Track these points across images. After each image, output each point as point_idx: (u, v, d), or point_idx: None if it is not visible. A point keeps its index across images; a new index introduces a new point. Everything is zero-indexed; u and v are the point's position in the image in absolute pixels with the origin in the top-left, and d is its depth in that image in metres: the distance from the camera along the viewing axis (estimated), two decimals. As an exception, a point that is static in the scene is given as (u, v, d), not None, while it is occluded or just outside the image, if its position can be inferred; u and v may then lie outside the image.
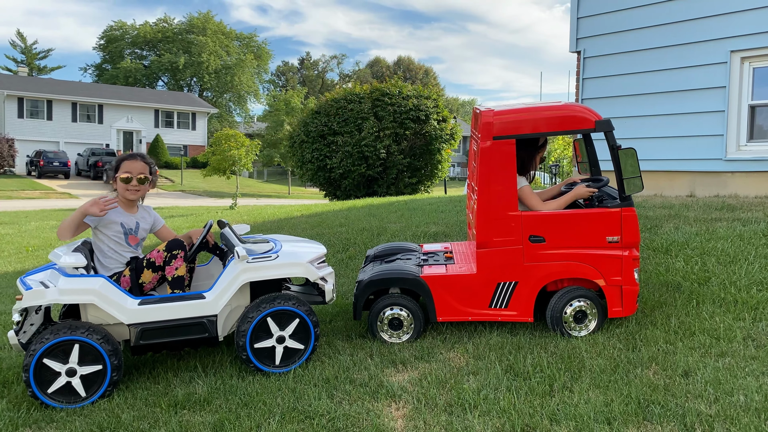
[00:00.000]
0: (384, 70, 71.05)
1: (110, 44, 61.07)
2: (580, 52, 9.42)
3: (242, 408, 3.38)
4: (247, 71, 61.48)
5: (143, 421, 3.26)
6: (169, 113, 46.93)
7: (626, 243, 4.12)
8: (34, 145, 39.92)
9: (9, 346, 4.53)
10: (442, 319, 4.33)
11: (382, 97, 17.37)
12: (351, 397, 3.48)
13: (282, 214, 11.38)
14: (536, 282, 4.21)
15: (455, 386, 3.51)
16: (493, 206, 4.17)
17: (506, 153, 4.11)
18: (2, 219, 16.82)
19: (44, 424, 3.26)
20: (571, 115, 4.13)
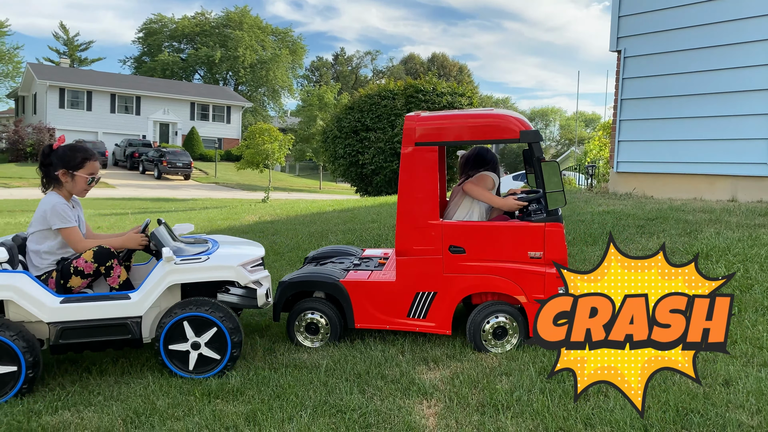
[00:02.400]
0: (418, 66, 70.86)
1: (149, 37, 62.12)
2: (620, 51, 9.25)
3: (274, 399, 3.40)
4: (282, 66, 61.88)
5: (178, 408, 3.30)
6: (205, 106, 47.54)
7: (549, 259, 3.92)
8: (74, 134, 40.81)
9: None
10: (360, 325, 4.22)
11: (416, 94, 17.32)
12: (382, 392, 3.47)
13: (314, 208, 11.44)
14: (456, 294, 4.07)
15: (487, 386, 3.48)
16: (413, 214, 4.07)
17: (428, 160, 4.01)
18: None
19: (82, 408, 3.32)
20: (495, 124, 4.02)
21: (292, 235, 8.13)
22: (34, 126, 38.48)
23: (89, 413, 3.26)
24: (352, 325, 4.23)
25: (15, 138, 37.51)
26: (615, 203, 8.33)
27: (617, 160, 9.37)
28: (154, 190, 27.75)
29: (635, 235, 6.58)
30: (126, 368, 3.86)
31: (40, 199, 3.90)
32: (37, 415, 3.21)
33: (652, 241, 6.26)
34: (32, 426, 3.09)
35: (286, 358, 4.00)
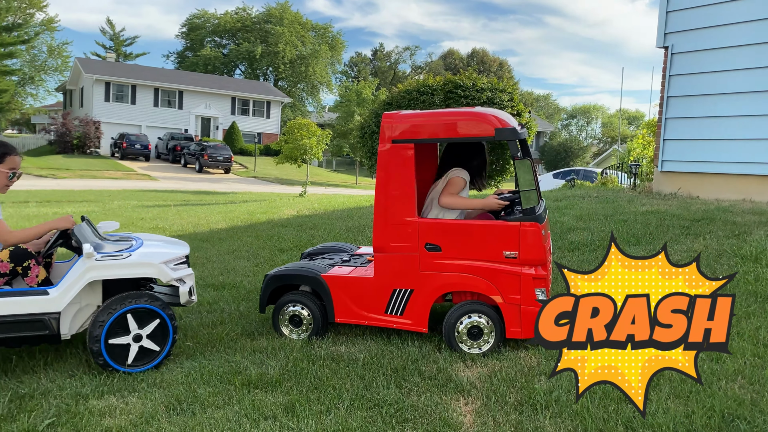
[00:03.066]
0: (457, 62, 70.40)
1: (192, 32, 63.20)
2: (667, 47, 9.02)
3: (312, 391, 3.44)
4: (321, 62, 62.24)
5: (218, 397, 3.36)
6: (246, 101, 48.16)
7: (524, 259, 3.84)
8: (118, 127, 41.85)
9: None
10: (340, 320, 4.23)
11: (456, 89, 17.18)
12: (419, 388, 3.47)
13: (351, 203, 11.49)
14: (432, 291, 4.03)
15: (526, 385, 3.44)
16: (390, 211, 4.05)
17: (404, 157, 3.99)
18: (88, 197, 17.76)
19: (127, 393, 3.41)
20: (469, 122, 3.93)
21: (330, 230, 8.19)
22: (80, 119, 39.58)
23: (133, 399, 3.34)
24: (332, 319, 4.26)
25: (63, 130, 38.64)
26: (659, 203, 8.14)
27: (662, 159, 9.14)
28: (195, 183, 28.27)
29: (680, 236, 6.42)
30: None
31: (86, 190, 3.97)
32: (84, 399, 3.31)
33: (697, 243, 6.10)
34: (80, 409, 3.19)
35: (323, 351, 4.03)
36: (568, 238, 6.73)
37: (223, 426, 3.05)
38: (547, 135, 59.77)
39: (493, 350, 3.94)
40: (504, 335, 3.94)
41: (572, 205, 8.42)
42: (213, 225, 9.67)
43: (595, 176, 19.61)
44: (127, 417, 3.14)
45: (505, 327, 3.92)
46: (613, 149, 39.89)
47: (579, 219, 7.49)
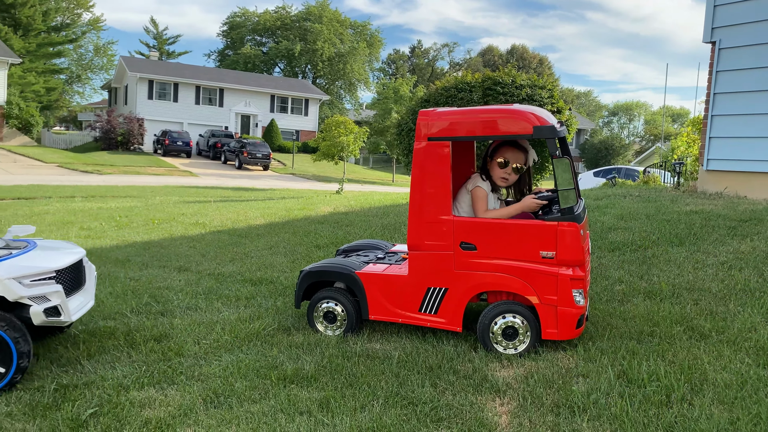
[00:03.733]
0: (496, 58, 69.71)
1: (233, 31, 64.12)
2: (714, 42, 8.74)
3: (347, 388, 3.45)
4: (359, 59, 62.43)
5: (254, 391, 3.40)
6: (284, 99, 48.63)
7: (562, 259, 3.76)
8: (161, 125, 42.75)
9: (135, 309, 4.89)
10: (374, 317, 4.23)
11: (494, 86, 16.99)
12: (454, 387, 3.45)
13: (388, 201, 11.50)
14: (466, 291, 3.98)
15: (563, 387, 3.39)
16: (425, 209, 4.01)
17: (441, 155, 3.94)
18: (131, 193, 18.20)
19: (166, 386, 3.48)
20: (507, 119, 3.83)
21: (366, 227, 8.20)
22: (124, 116, 40.57)
23: (172, 391, 3.41)
24: (366, 316, 4.26)
25: (108, 127, 39.66)
26: (704, 203, 7.91)
27: (707, 157, 8.87)
28: (235, 180, 28.70)
29: (726, 236, 6.23)
30: (206, 349, 4.01)
31: (129, 185, 4.09)
32: (125, 390, 3.39)
33: (744, 244, 5.91)
34: (120, 400, 3.27)
35: (359, 347, 4.03)
36: (609, 237, 6.59)
37: (259, 420, 3.08)
38: (588, 132, 58.72)
39: (529, 351, 3.89)
40: (540, 336, 3.88)
41: (613, 204, 8.25)
42: (251, 221, 9.80)
43: (636, 175, 19.18)
44: (166, 409, 3.20)
45: (541, 328, 3.86)
46: (656, 147, 38.95)
47: (620, 218, 7.33)
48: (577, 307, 3.79)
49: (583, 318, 3.88)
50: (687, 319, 4.36)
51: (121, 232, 9.25)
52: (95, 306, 4.98)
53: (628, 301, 4.89)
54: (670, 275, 5.39)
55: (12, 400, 3.28)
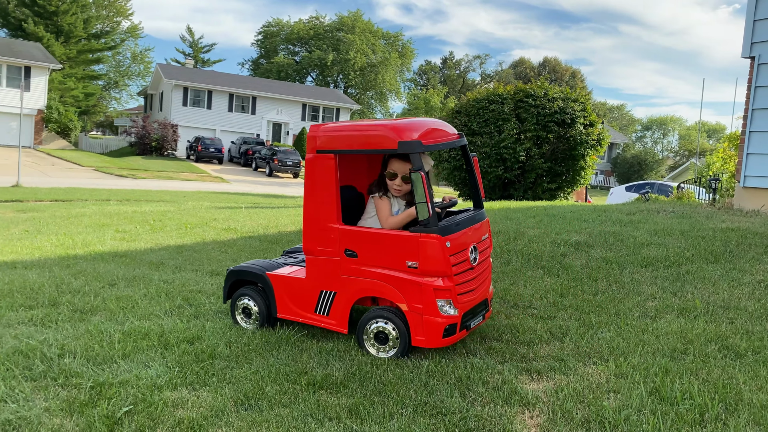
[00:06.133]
0: (528, 71, 69.39)
1: (266, 40, 65.09)
2: (754, 57, 8.59)
3: (376, 395, 3.46)
4: (391, 69, 62.77)
5: (284, 395, 3.44)
6: (316, 108, 49.10)
7: (424, 270, 3.88)
8: (194, 131, 43.52)
9: (169, 311, 4.98)
10: (281, 315, 4.48)
11: (526, 99, 16.94)
12: (483, 398, 3.44)
13: (417, 210, 11.50)
14: (351, 295, 4.16)
15: (594, 402, 3.35)
16: (315, 216, 4.21)
17: (328, 166, 4.11)
18: (165, 197, 18.54)
19: (198, 387, 3.54)
20: (376, 134, 3.99)
21: (396, 236, 8.23)
22: (159, 122, 41.40)
23: (204, 392, 3.46)
24: (275, 314, 4.51)
25: (143, 133, 40.53)
26: (740, 220, 7.75)
27: (744, 174, 8.70)
28: (265, 187, 29.02)
29: (763, 255, 6.10)
30: (237, 352, 4.07)
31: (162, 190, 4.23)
32: (159, 390, 3.46)
33: (782, 263, 5.78)
34: (154, 399, 3.34)
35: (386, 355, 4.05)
36: (642, 253, 6.51)
37: (288, 424, 3.11)
38: (620, 147, 57.97)
39: (399, 356, 4.00)
40: (410, 343, 4.01)
41: (646, 220, 8.14)
42: (282, 228, 9.90)
43: (670, 190, 18.88)
44: (198, 410, 3.25)
45: (410, 334, 3.99)
46: (691, 163, 38.28)
47: (653, 234, 7.23)
48: (442, 316, 3.91)
49: (455, 327, 3.98)
50: (722, 337, 4.29)
51: (155, 235, 9.43)
52: (130, 306, 5.10)
53: (660, 317, 4.82)
54: (705, 293, 5.30)
55: (50, 396, 3.36)
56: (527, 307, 5.19)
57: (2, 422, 3.06)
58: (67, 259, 7.31)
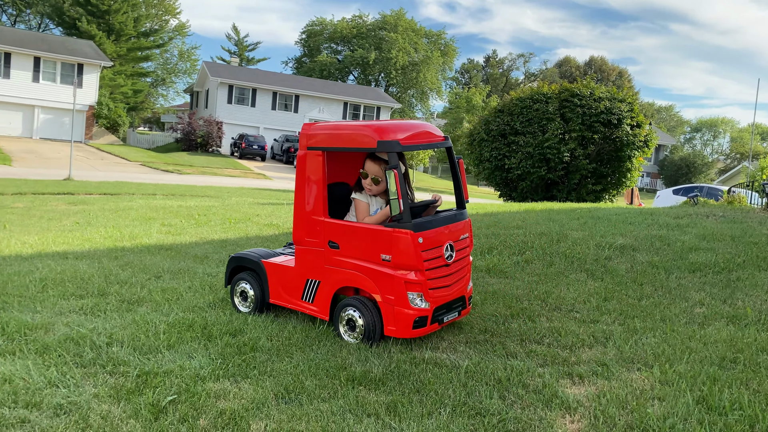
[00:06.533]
0: (573, 70, 68.22)
1: (310, 39, 65.64)
2: (813, 56, 8.25)
3: (414, 394, 3.46)
4: (433, 68, 62.56)
5: (324, 390, 3.47)
6: (357, 106, 49.31)
7: (397, 263, 4.05)
8: (238, 128, 44.22)
9: (212, 304, 5.08)
10: (272, 301, 4.74)
11: (571, 98, 16.67)
12: (523, 401, 3.40)
13: (458, 210, 11.43)
14: (332, 284, 4.36)
15: (637, 409, 3.28)
16: (304, 209, 4.44)
17: (317, 162, 4.35)
18: (209, 193, 18.91)
19: (240, 379, 3.60)
20: (357, 134, 4.24)
21: (436, 235, 8.20)
22: (205, 119, 42.21)
23: (246, 385, 3.52)
24: (268, 299, 4.76)
25: (188, 129, 41.39)
26: (795, 226, 7.47)
27: (801, 178, 8.37)
28: (306, 184, 29.26)
29: (819, 263, 5.86)
30: (278, 346, 4.12)
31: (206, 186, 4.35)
32: (202, 381, 3.53)
33: (840, 272, 5.54)
34: (197, 389, 3.41)
35: (426, 354, 4.04)
36: (689, 258, 6.33)
37: (327, 419, 3.14)
38: (668, 149, 56.50)
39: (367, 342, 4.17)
40: (383, 332, 4.16)
41: (695, 224, 7.92)
42: (322, 224, 9.96)
43: (720, 194, 18.31)
44: (240, 402, 3.31)
45: (383, 324, 4.15)
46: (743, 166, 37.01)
47: (702, 239, 7.03)
48: (413, 308, 4.06)
49: (425, 320, 4.12)
50: (774, 347, 4.14)
51: (200, 229, 9.62)
52: (175, 298, 5.22)
53: (709, 324, 4.68)
54: (757, 300, 5.13)
55: (98, 383, 3.47)
56: (569, 310, 5.11)
57: (54, 406, 3.17)
58: (115, 251, 7.53)
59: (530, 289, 5.65)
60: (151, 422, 3.06)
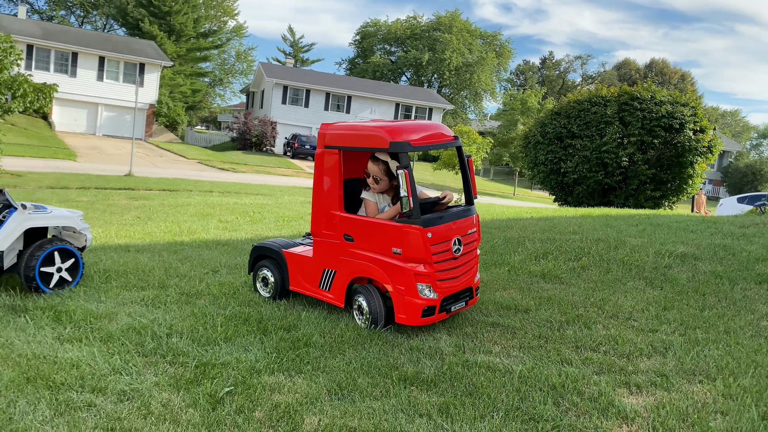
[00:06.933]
0: (633, 72, 66.44)
1: (364, 40, 66.04)
2: None
3: (467, 396, 3.44)
4: (487, 69, 61.96)
5: (376, 388, 3.49)
6: (408, 107, 49.33)
7: (407, 256, 4.28)
8: (291, 128, 44.85)
9: (267, 299, 5.18)
10: (292, 288, 5.06)
11: (631, 102, 16.22)
12: (578, 408, 3.34)
13: (510, 214, 11.30)
14: (348, 274, 4.62)
15: (698, 422, 3.17)
16: (322, 204, 4.70)
17: (333, 160, 4.61)
18: (262, 191, 19.26)
19: (294, 374, 3.66)
20: (370, 135, 4.47)
21: (488, 239, 8.12)
22: (260, 119, 43.01)
23: (300, 379, 3.57)
24: (287, 287, 5.08)
25: (244, 128, 42.25)
26: None
27: None
28: (357, 184, 29.45)
29: None
30: (330, 342, 4.16)
31: (260, 184, 4.50)
32: (258, 374, 3.60)
33: None
34: (253, 382, 3.48)
35: (478, 358, 4.01)
36: (756, 269, 6.07)
37: (380, 417, 3.15)
38: (733, 155, 54.33)
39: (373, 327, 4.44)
40: (393, 319, 4.40)
41: (762, 234, 7.59)
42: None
43: (789, 203, 17.48)
44: (294, 396, 3.36)
45: (394, 312, 4.37)
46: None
47: (769, 249, 6.73)
48: (421, 298, 4.29)
49: (434, 309, 4.35)
50: None
51: (255, 226, 9.81)
52: (231, 292, 5.34)
53: (776, 338, 4.47)
54: (829, 315, 4.88)
55: (159, 372, 3.59)
56: (627, 318, 4.98)
57: (118, 392, 3.29)
58: (175, 245, 7.75)
59: (586, 295, 5.54)
60: (209, 412, 3.14)
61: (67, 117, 37.95)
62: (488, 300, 5.38)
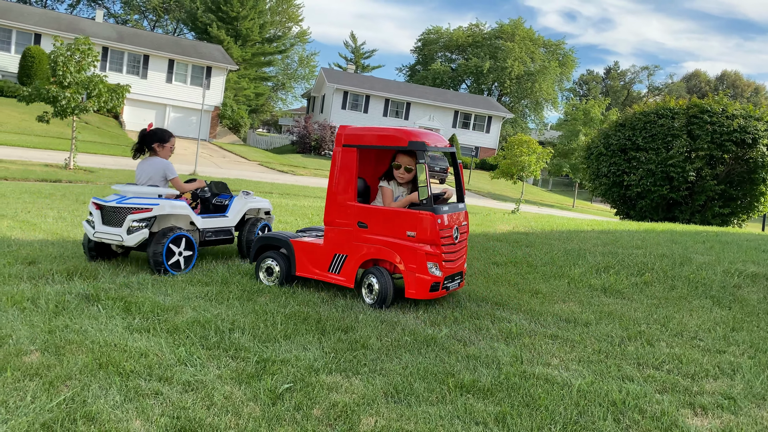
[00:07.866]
0: (703, 84, 64.16)
1: (425, 47, 66.19)
2: None
3: (524, 407, 3.40)
4: (549, 79, 61.02)
5: (432, 394, 3.50)
6: (467, 115, 49.10)
7: (420, 239, 4.98)
8: (351, 133, 45.38)
9: (324, 300, 5.26)
10: (299, 273, 5.57)
11: (701, 114, 15.67)
12: (639, 426, 3.26)
13: (571, 225, 11.09)
14: (359, 258, 5.24)
15: (769, 449, 3.04)
16: (337, 196, 5.32)
17: (349, 158, 5.29)
18: (320, 194, 19.54)
19: (351, 374, 3.71)
20: (389, 134, 5.24)
21: (547, 250, 8.00)
22: (319, 123, 43.69)
23: (356, 380, 3.62)
24: (293, 273, 5.59)
25: (304, 132, 43.01)
26: None
27: None
28: (413, 190, 29.46)
29: None
30: (387, 346, 4.20)
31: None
32: (316, 372, 3.67)
33: None
34: (311, 380, 3.54)
35: (536, 370, 3.96)
36: (833, 292, 5.77)
37: (436, 422, 3.16)
38: (807, 172, 51.54)
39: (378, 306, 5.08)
40: (404, 295, 5.08)
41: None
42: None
43: None
44: (351, 396, 3.40)
45: (405, 288, 5.04)
46: None
47: None
48: (430, 275, 5.00)
49: (438, 285, 5.07)
50: None
51: (312, 228, 9.95)
52: (291, 292, 5.45)
53: None
54: None
55: (222, 365, 3.70)
56: (692, 337, 4.82)
57: (183, 382, 3.42)
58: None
59: (649, 311, 5.39)
60: (269, 407, 3.22)
61: (136, 117, 39.52)
62: (547, 312, 5.30)
